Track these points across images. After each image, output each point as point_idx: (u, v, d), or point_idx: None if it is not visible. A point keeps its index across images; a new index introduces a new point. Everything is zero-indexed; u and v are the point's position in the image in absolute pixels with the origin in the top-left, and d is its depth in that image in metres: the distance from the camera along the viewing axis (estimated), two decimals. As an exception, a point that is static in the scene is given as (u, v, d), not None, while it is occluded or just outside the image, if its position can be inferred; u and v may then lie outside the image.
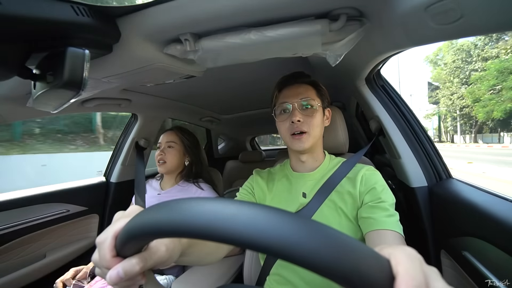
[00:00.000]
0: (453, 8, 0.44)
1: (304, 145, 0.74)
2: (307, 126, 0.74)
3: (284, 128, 0.76)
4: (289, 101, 0.75)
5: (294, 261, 0.19)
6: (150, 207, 0.27)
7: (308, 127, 0.74)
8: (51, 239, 1.23)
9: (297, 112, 0.74)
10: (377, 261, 0.21)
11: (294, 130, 0.74)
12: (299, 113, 0.74)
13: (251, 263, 0.95)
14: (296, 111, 0.74)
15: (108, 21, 0.59)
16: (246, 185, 0.87)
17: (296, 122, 0.73)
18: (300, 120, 0.73)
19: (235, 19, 0.60)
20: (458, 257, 0.72)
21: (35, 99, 0.53)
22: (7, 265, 1.06)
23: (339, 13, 0.58)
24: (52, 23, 0.47)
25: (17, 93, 0.80)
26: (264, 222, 0.20)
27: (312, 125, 0.74)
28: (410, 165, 0.97)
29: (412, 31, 0.57)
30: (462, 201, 0.74)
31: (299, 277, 0.68)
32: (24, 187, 1.19)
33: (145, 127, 1.54)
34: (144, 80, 0.90)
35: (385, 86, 1.10)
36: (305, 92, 0.76)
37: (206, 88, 1.36)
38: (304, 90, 0.76)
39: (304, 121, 0.74)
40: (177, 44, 0.68)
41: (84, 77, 0.47)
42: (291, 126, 0.74)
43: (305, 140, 0.73)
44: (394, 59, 8.49)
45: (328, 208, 0.71)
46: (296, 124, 0.73)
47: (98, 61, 0.68)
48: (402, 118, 1.03)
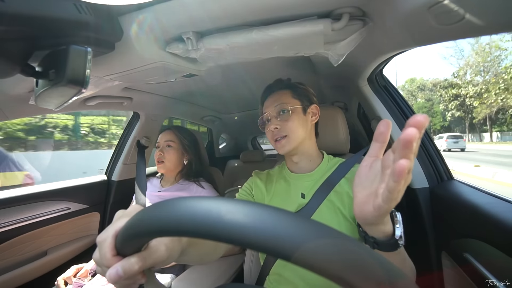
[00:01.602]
0: (456, 9, 0.44)
1: (285, 148, 0.76)
2: (285, 130, 0.76)
3: (269, 136, 0.80)
4: (267, 111, 0.80)
5: (301, 264, 0.19)
6: (148, 206, 0.27)
7: (286, 131, 0.76)
8: (53, 236, 1.23)
9: (274, 120, 0.78)
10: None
11: (275, 137, 0.78)
12: (275, 121, 0.78)
13: (251, 262, 0.95)
14: (273, 119, 0.78)
15: (111, 19, 0.59)
16: (245, 186, 0.88)
17: (273, 130, 0.77)
18: (277, 127, 0.77)
19: (238, 18, 0.60)
20: (459, 259, 0.71)
21: (38, 96, 0.53)
22: (8, 262, 1.07)
23: (341, 13, 0.58)
24: (54, 21, 0.47)
25: (19, 91, 0.81)
26: (270, 224, 0.20)
27: (290, 128, 0.76)
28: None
29: (414, 31, 0.57)
30: (464, 202, 0.74)
31: (299, 277, 0.68)
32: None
33: (146, 126, 1.54)
34: (146, 78, 0.90)
35: (387, 86, 1.10)
36: (279, 98, 0.79)
37: (208, 87, 1.36)
38: (278, 97, 0.80)
39: (282, 126, 0.77)
40: (179, 43, 0.68)
41: (86, 75, 0.48)
42: (272, 133, 0.79)
43: (286, 144, 0.76)
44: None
45: (326, 209, 0.71)
46: (274, 132, 0.77)
47: (101, 59, 0.68)
48: (404, 119, 1.03)
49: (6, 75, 0.49)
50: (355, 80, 1.03)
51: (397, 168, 0.30)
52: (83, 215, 1.37)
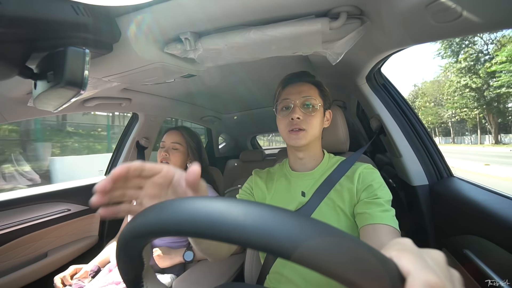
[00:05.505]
0: (454, 6, 0.44)
1: (301, 141, 0.74)
2: (306, 124, 0.74)
3: (284, 124, 0.77)
4: (291, 98, 0.76)
5: (302, 263, 0.19)
6: (148, 207, 0.27)
7: (306, 125, 0.74)
8: (53, 238, 1.23)
9: (298, 110, 0.74)
10: (385, 264, 0.21)
11: (292, 126, 0.75)
12: (299, 111, 0.74)
13: (252, 261, 0.95)
14: (296, 108, 0.74)
15: (108, 21, 0.59)
16: (245, 186, 0.87)
17: (295, 119, 0.73)
18: (300, 118, 0.73)
19: (235, 18, 0.60)
20: (459, 255, 0.72)
21: (36, 98, 0.53)
22: (8, 264, 1.07)
23: (339, 12, 0.58)
24: (52, 22, 0.47)
25: (18, 93, 0.80)
26: (270, 223, 0.20)
27: (311, 123, 0.74)
28: (411, 164, 0.97)
29: (412, 29, 0.57)
30: (463, 199, 0.74)
31: (299, 275, 0.68)
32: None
33: (146, 127, 1.54)
34: (144, 79, 0.90)
35: (386, 84, 1.10)
36: (307, 90, 0.76)
37: (206, 87, 1.36)
38: (306, 89, 0.77)
39: (304, 118, 0.74)
40: (177, 43, 0.68)
41: (84, 76, 0.48)
42: (290, 122, 0.75)
43: (302, 137, 0.74)
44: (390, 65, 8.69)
45: (327, 207, 0.71)
46: (296, 121, 0.74)
47: (99, 61, 0.68)
48: (403, 117, 1.03)
49: (4, 77, 0.49)
50: (354, 78, 1.03)
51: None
52: (83, 216, 1.37)
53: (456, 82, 29.89)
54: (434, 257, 0.22)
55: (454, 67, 30.14)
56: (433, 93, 46.21)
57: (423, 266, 0.20)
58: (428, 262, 0.21)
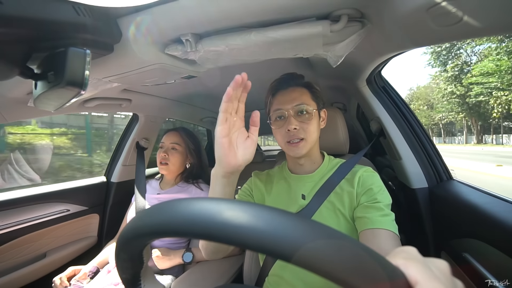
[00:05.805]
0: (454, 10, 0.44)
1: (301, 151, 0.72)
2: (304, 132, 0.72)
3: (280, 135, 0.74)
4: (284, 108, 0.73)
5: (302, 265, 0.19)
6: (147, 208, 0.27)
7: (304, 134, 0.72)
8: (52, 238, 1.23)
9: (293, 120, 0.71)
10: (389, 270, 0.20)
11: (290, 138, 0.72)
12: (294, 121, 0.71)
13: (251, 263, 0.95)
14: (291, 119, 0.71)
15: (109, 21, 0.59)
16: (244, 187, 0.87)
17: (292, 130, 0.71)
18: (296, 128, 0.71)
19: (236, 20, 0.60)
20: (458, 259, 0.72)
21: (36, 98, 0.53)
22: (7, 265, 1.06)
23: (340, 14, 0.58)
24: (53, 23, 0.47)
25: (18, 93, 0.80)
26: (271, 225, 0.20)
27: (309, 131, 0.72)
28: (410, 166, 0.97)
29: (413, 33, 0.57)
30: (463, 202, 0.74)
31: (299, 279, 0.68)
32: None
33: (145, 127, 1.54)
34: (145, 80, 0.90)
35: (386, 87, 1.10)
36: (299, 97, 0.74)
37: (207, 88, 1.35)
38: (298, 95, 0.74)
39: (300, 127, 0.72)
40: (178, 45, 0.68)
41: (85, 77, 0.47)
42: (287, 134, 0.72)
43: (302, 147, 0.72)
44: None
45: (327, 210, 0.71)
46: (293, 132, 0.71)
47: (99, 61, 0.68)
48: (403, 119, 1.03)
49: (4, 77, 0.49)
50: (354, 81, 1.04)
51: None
52: (82, 216, 1.37)
53: (444, 89, 34.35)
54: (439, 266, 0.22)
55: (442, 75, 34.72)
56: (426, 97, 51.02)
57: (431, 276, 0.20)
58: (434, 272, 0.21)
